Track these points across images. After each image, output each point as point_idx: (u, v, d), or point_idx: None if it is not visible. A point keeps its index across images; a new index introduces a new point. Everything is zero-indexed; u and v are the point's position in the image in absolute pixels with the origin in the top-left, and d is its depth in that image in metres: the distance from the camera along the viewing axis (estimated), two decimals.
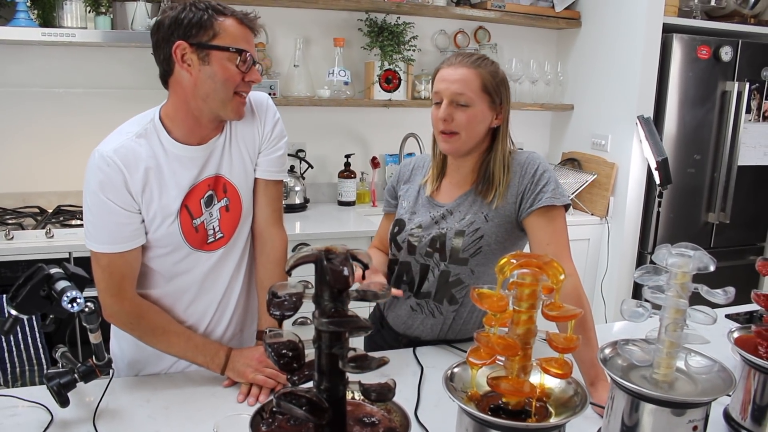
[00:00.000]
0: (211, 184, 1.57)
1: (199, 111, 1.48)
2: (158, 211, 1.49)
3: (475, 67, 1.61)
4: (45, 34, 2.67)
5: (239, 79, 1.45)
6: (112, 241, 1.47)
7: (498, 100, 1.65)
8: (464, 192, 1.73)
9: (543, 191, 1.63)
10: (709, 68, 3.47)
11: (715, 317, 1.12)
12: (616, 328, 2.09)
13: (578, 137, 3.90)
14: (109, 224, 1.46)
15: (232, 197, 1.60)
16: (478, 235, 1.67)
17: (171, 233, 1.52)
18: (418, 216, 1.77)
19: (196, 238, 1.56)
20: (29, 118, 3.11)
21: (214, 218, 1.58)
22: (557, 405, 1.05)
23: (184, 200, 1.52)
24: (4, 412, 1.37)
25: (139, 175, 1.46)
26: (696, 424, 1.10)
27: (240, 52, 1.43)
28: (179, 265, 1.58)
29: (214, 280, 1.64)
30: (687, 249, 1.12)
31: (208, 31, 1.40)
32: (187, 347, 1.54)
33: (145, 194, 1.48)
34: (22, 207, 3.06)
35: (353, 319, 0.87)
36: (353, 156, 3.62)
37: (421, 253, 1.74)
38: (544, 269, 1.02)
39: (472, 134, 1.64)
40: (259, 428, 0.95)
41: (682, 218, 3.62)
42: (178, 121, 1.51)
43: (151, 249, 1.54)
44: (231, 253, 1.65)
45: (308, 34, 3.48)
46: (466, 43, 3.80)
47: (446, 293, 1.73)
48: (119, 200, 1.45)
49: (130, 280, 1.52)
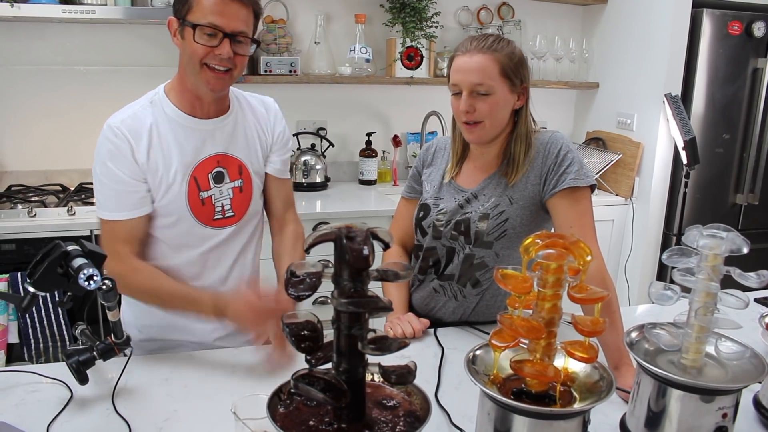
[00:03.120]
0: (221, 162, 1.61)
1: (191, 82, 1.53)
2: (164, 176, 1.54)
3: (491, 52, 1.57)
4: (65, 11, 2.67)
5: (203, 53, 1.46)
6: (119, 208, 1.53)
7: (518, 81, 1.61)
8: (488, 175, 1.70)
9: (567, 172, 1.59)
10: (740, 44, 3.37)
11: (747, 302, 1.08)
12: (639, 311, 2.05)
13: (603, 116, 3.82)
14: (116, 192, 1.52)
15: (246, 180, 1.66)
16: (503, 218, 1.65)
17: (176, 201, 1.56)
18: (443, 201, 1.75)
19: (202, 212, 1.60)
20: (50, 95, 3.12)
21: (224, 196, 1.62)
22: (582, 390, 1.03)
23: (193, 172, 1.57)
24: (26, 387, 1.38)
25: (144, 143, 1.52)
26: (726, 411, 1.07)
27: (194, 26, 1.44)
28: (185, 237, 1.61)
29: (219, 258, 1.67)
30: (719, 230, 1.09)
31: (185, 6, 1.46)
32: (181, 303, 1.55)
33: (150, 161, 1.53)
34: (45, 185, 3.08)
35: (373, 300, 0.85)
36: (374, 134, 3.59)
37: (446, 237, 1.72)
38: (570, 249, 0.99)
39: (496, 122, 1.61)
40: (276, 410, 0.93)
41: (709, 199, 3.54)
42: (178, 92, 1.58)
43: (158, 218, 1.58)
44: (239, 235, 1.69)
45: (329, 11, 3.44)
46: (490, 19, 3.73)
47: (470, 276, 1.71)
48: (126, 169, 1.51)
49: (130, 245, 1.55)
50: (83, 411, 1.30)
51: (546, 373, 1.00)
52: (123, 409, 1.30)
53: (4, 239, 2.53)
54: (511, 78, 1.59)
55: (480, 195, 1.69)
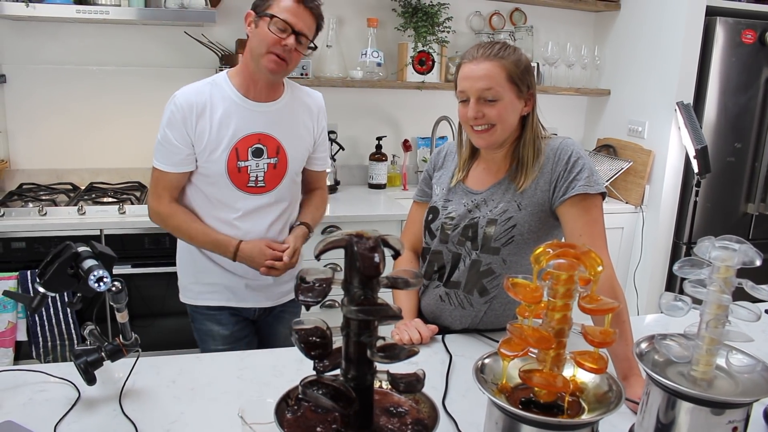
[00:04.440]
0: (262, 140, 1.90)
1: (251, 68, 1.84)
2: (209, 143, 1.84)
3: (498, 59, 1.58)
4: (80, 11, 2.69)
5: (272, 40, 1.76)
6: (165, 162, 1.88)
7: (525, 87, 1.61)
8: (498, 180, 1.70)
9: (576, 179, 1.58)
10: (753, 53, 3.35)
11: (760, 314, 1.07)
12: (648, 320, 2.04)
13: (614, 123, 3.81)
14: (166, 151, 1.86)
15: (281, 159, 1.94)
16: (511, 223, 1.64)
17: (217, 165, 1.86)
18: (452, 204, 1.75)
19: (238, 178, 1.89)
20: (63, 95, 3.14)
21: (260, 168, 1.91)
22: (590, 400, 1.02)
23: (236, 144, 1.86)
24: (34, 387, 1.38)
25: (195, 113, 1.82)
26: (736, 425, 1.06)
27: (271, 17, 1.74)
28: (223, 196, 1.91)
29: (252, 221, 1.95)
30: (731, 242, 1.07)
31: (266, 3, 1.78)
32: (205, 240, 1.93)
33: (198, 129, 1.83)
34: (56, 183, 3.09)
35: (383, 308, 0.84)
36: (385, 138, 3.59)
37: (453, 242, 1.71)
38: (581, 259, 0.98)
39: (506, 126, 1.62)
40: (284, 415, 0.93)
41: (720, 208, 3.52)
42: (239, 76, 1.89)
43: (200, 176, 1.90)
44: (270, 205, 1.97)
45: (341, 14, 3.45)
46: (502, 24, 3.73)
47: (477, 283, 1.69)
48: (176, 135, 1.84)
49: (170, 192, 1.91)
50: (90, 411, 1.30)
51: (555, 383, 0.99)
52: (130, 411, 1.30)
53: (15, 237, 2.55)
54: (518, 84, 1.59)
55: (489, 200, 1.68)
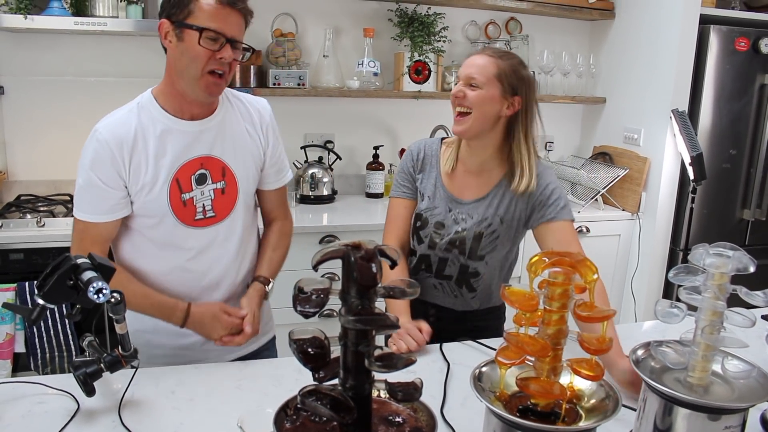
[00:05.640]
0: (205, 164, 1.62)
1: (180, 87, 1.55)
2: (146, 179, 1.56)
3: (496, 57, 1.71)
4: (77, 23, 2.70)
5: (206, 57, 1.48)
6: (92, 211, 1.57)
7: (511, 90, 1.71)
8: (483, 195, 1.82)
9: (554, 205, 1.76)
10: (747, 61, 3.37)
11: (754, 320, 1.08)
12: (645, 327, 2.05)
13: (610, 131, 3.83)
14: (92, 197, 1.56)
15: (229, 182, 1.66)
16: (495, 236, 1.82)
17: (158, 202, 1.58)
18: (438, 212, 1.84)
19: (184, 213, 1.61)
20: (61, 106, 3.15)
21: (205, 197, 1.63)
22: (588, 407, 1.03)
23: (176, 174, 1.58)
24: (32, 399, 1.38)
25: (127, 147, 1.54)
26: (732, 430, 1.07)
27: (201, 30, 1.45)
28: (169, 236, 1.63)
29: (207, 261, 1.68)
30: (725, 249, 1.08)
31: (184, 10, 1.47)
32: (146, 304, 1.62)
33: (132, 165, 1.55)
34: (54, 194, 3.09)
35: (381, 317, 0.85)
36: (382, 148, 3.60)
37: (440, 249, 1.84)
38: (576, 268, 0.99)
39: (480, 115, 1.70)
40: (283, 425, 0.94)
41: (716, 215, 3.53)
42: (167, 95, 1.59)
43: (141, 218, 1.61)
44: (225, 235, 1.69)
45: (338, 24, 3.46)
46: (498, 34, 3.75)
47: (464, 281, 1.87)
48: (105, 176, 1.54)
49: (100, 245, 1.60)
50: (90, 423, 1.30)
51: (552, 390, 1.00)
52: (129, 422, 1.30)
53: (13, 249, 2.55)
54: (504, 84, 1.70)
55: (474, 213, 1.81)
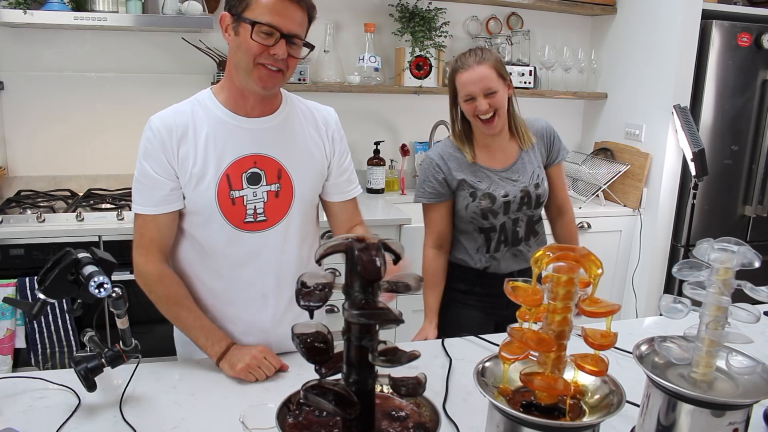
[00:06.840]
0: (259, 162, 1.55)
1: (237, 81, 1.52)
2: (194, 171, 1.51)
3: (485, 61, 1.97)
4: (77, 18, 2.69)
5: (257, 50, 1.44)
6: (147, 203, 1.53)
7: (507, 76, 2.03)
8: (515, 159, 2.12)
9: (561, 150, 2.20)
10: (749, 56, 3.36)
11: (759, 315, 1.07)
12: (647, 323, 2.05)
13: (611, 126, 3.82)
14: (145, 188, 1.53)
15: (284, 185, 1.59)
16: (542, 179, 2.15)
17: (206, 197, 1.52)
18: (496, 185, 2.09)
19: (233, 212, 1.54)
20: (61, 101, 3.14)
21: (258, 198, 1.56)
22: (591, 403, 1.02)
23: (226, 169, 1.53)
24: (33, 394, 1.38)
25: (176, 137, 1.51)
26: (736, 426, 1.06)
27: (254, 24, 1.42)
28: (216, 239, 1.57)
29: (252, 270, 1.60)
30: (730, 244, 1.08)
31: (243, 2, 1.44)
32: (194, 325, 1.55)
33: (181, 153, 1.51)
34: (54, 190, 3.09)
35: (384, 312, 0.84)
36: (383, 143, 3.59)
37: (513, 210, 2.11)
38: (580, 262, 0.99)
39: (503, 110, 2.03)
40: (285, 420, 0.93)
41: (718, 211, 3.53)
42: (226, 91, 1.56)
43: (189, 216, 1.57)
44: (276, 243, 1.60)
45: (339, 19, 3.45)
46: (498, 29, 3.73)
47: (532, 231, 2.17)
48: (156, 166, 1.51)
49: (159, 246, 1.55)
50: (91, 418, 1.30)
51: (556, 386, 0.99)
52: (131, 417, 1.30)
53: (13, 244, 2.54)
54: (503, 76, 2.01)
55: (521, 170, 2.12)
